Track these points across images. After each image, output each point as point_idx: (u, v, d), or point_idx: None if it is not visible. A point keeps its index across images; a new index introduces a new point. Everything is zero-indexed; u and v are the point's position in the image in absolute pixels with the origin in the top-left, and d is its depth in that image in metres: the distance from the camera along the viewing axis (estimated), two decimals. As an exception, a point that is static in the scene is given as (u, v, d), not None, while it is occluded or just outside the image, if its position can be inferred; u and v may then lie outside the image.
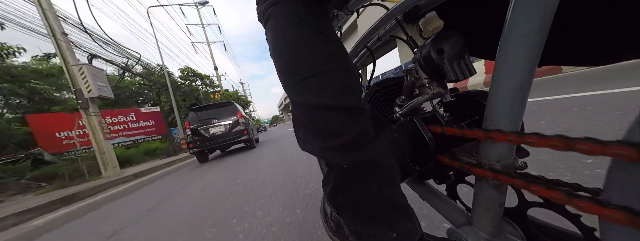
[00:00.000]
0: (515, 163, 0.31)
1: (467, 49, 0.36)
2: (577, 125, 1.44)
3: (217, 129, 5.36)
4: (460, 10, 0.44)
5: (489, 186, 0.32)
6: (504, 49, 0.26)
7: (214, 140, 5.24)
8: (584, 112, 1.63)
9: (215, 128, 5.36)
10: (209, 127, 5.33)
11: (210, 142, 5.20)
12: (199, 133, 5.23)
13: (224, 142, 5.26)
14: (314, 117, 0.35)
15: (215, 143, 5.22)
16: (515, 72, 0.26)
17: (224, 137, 5.30)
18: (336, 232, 0.46)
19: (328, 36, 0.36)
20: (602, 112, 1.52)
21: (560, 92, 2.55)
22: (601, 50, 0.32)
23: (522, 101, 0.27)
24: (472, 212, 0.36)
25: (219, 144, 5.24)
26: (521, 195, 0.36)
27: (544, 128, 1.53)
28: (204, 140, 5.18)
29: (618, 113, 1.44)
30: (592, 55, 0.34)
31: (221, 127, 5.40)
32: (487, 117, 0.30)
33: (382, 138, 0.35)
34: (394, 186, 0.35)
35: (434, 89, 0.40)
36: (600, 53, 0.33)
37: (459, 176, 0.50)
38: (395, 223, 0.34)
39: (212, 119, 5.45)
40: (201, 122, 5.39)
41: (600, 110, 1.58)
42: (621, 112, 1.44)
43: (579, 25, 0.32)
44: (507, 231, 0.35)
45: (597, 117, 1.47)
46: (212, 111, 5.68)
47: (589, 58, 0.34)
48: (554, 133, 0.23)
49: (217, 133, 5.32)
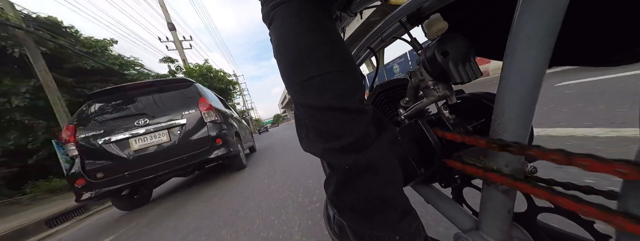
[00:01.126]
0: (524, 167, 0.30)
1: (472, 50, 0.35)
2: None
3: (148, 140, 2.40)
4: (465, 11, 0.43)
5: (497, 190, 0.31)
6: (512, 50, 0.26)
7: (139, 165, 2.31)
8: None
9: (143, 139, 2.40)
10: (128, 136, 2.37)
11: (130, 172, 2.27)
12: (103, 152, 2.30)
13: (168, 169, 2.35)
14: (316, 117, 0.35)
15: (143, 174, 2.30)
16: (524, 74, 0.26)
17: (165, 156, 2.37)
18: (339, 235, 0.46)
19: (331, 37, 0.36)
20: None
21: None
22: (615, 50, 0.31)
23: (532, 103, 0.27)
24: (480, 217, 0.35)
25: (154, 174, 2.31)
26: (531, 199, 0.36)
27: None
28: (116, 168, 2.28)
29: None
30: (605, 55, 0.33)
31: (158, 136, 2.43)
32: (494, 120, 0.30)
33: (384, 140, 0.35)
34: (396, 188, 0.35)
35: (439, 92, 0.40)
36: (613, 53, 0.32)
37: (465, 179, 0.49)
38: (397, 225, 0.34)
39: (135, 118, 2.46)
40: (109, 126, 2.42)
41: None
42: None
43: (590, 25, 0.31)
44: (516, 237, 0.34)
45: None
46: (139, 100, 2.63)
47: (601, 58, 0.33)
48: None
49: (148, 150, 2.37)
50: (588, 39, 0.32)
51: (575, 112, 1.49)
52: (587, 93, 1.82)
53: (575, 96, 1.84)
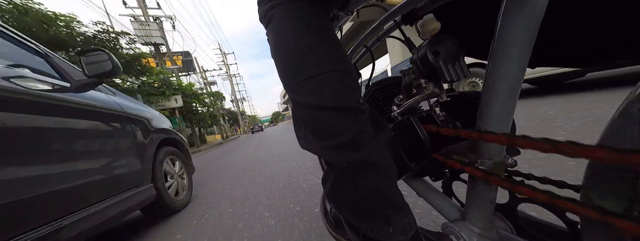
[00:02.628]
0: (505, 161, 0.32)
1: (462, 51, 0.37)
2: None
3: None
4: (457, 12, 0.45)
5: (481, 183, 0.34)
6: (495, 51, 0.28)
7: None
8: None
9: None
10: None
11: None
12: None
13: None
14: (314, 116, 0.36)
15: None
16: (507, 73, 0.28)
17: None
18: (336, 228, 0.48)
19: (328, 37, 0.37)
20: None
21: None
22: (594, 53, 0.33)
23: (513, 101, 0.29)
24: (466, 208, 0.38)
25: None
26: (512, 191, 0.38)
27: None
28: None
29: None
30: (584, 57, 0.35)
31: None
32: (479, 116, 0.32)
33: (380, 138, 0.37)
34: (391, 184, 0.36)
35: (430, 89, 0.41)
36: (592, 56, 0.34)
37: (454, 173, 0.51)
38: (391, 219, 0.36)
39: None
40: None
41: None
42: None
43: (568, 28, 0.33)
44: (498, 226, 0.37)
45: None
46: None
47: (581, 60, 0.36)
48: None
49: None
50: (567, 42, 0.34)
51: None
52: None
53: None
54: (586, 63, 0.34)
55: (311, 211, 1.11)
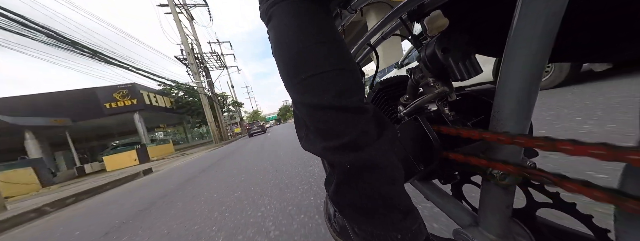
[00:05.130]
0: (523, 163, 0.30)
1: (472, 47, 0.35)
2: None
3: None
4: (466, 8, 0.43)
5: (496, 186, 0.32)
6: (512, 46, 0.26)
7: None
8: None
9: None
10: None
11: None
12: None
13: None
14: (316, 116, 0.35)
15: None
16: (524, 70, 0.26)
17: None
18: (340, 233, 0.46)
19: (330, 35, 0.36)
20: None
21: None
22: (614, 46, 0.31)
23: (530, 100, 0.27)
24: (479, 213, 0.36)
25: None
26: (530, 195, 0.36)
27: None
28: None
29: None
30: (605, 50, 0.33)
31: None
32: (493, 116, 0.30)
33: (385, 138, 0.35)
34: (397, 186, 0.35)
35: (439, 88, 0.40)
36: (612, 48, 0.32)
37: (465, 176, 0.49)
38: (399, 223, 0.34)
39: None
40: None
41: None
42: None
43: (590, 20, 0.31)
44: (515, 233, 0.35)
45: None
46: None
47: (601, 54, 0.33)
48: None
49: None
50: (587, 35, 0.32)
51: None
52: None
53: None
54: (610, 57, 0.32)
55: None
